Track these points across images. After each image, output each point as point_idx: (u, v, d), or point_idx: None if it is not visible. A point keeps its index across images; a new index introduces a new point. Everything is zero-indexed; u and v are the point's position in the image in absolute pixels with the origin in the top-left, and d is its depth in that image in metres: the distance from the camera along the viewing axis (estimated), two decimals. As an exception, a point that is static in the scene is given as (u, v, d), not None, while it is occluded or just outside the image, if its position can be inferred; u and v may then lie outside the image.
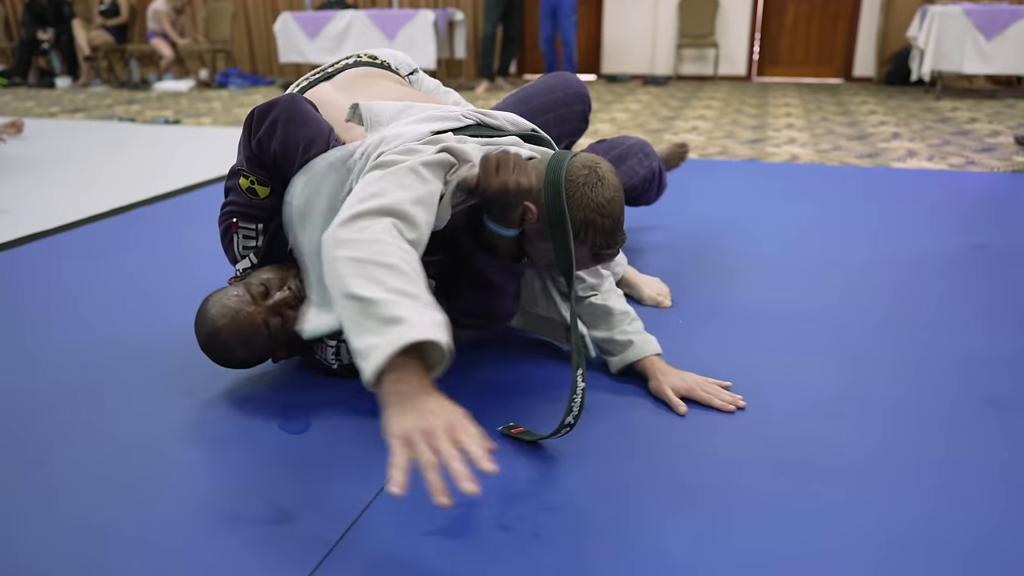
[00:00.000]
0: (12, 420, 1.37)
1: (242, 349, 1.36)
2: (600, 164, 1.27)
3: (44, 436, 1.31)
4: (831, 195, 2.82)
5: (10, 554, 1.03)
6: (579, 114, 1.85)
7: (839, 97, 6.00)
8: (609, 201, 1.23)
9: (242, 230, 1.51)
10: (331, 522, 1.07)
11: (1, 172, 3.53)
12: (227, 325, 1.34)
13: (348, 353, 1.42)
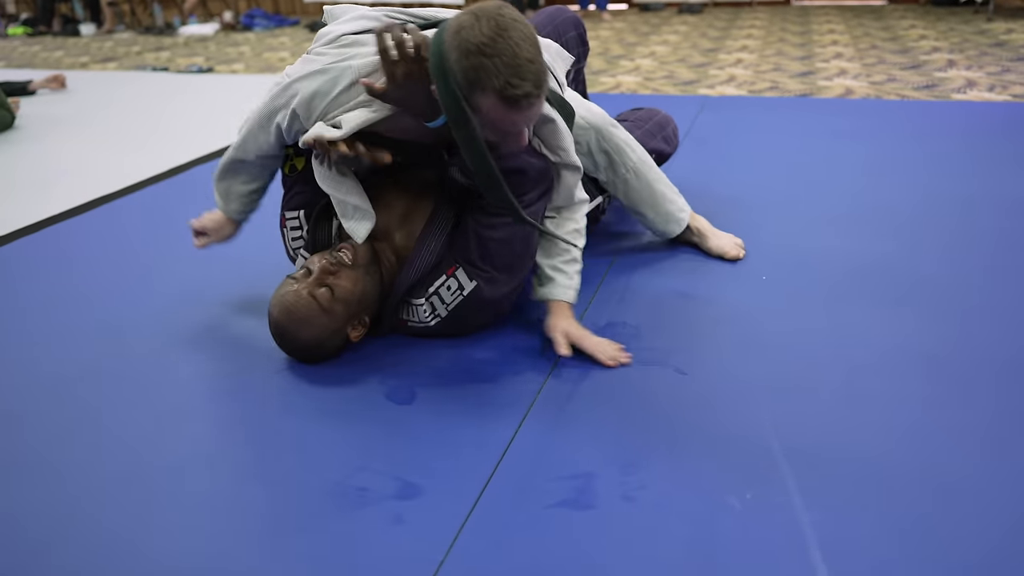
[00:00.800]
0: (121, 398, 1.42)
1: (305, 331, 1.39)
2: (484, 8, 1.19)
3: (160, 413, 1.36)
4: (893, 133, 2.75)
5: (142, 530, 1.08)
6: (576, 39, 1.88)
7: (885, 21, 5.78)
8: (492, 39, 1.14)
9: (289, 222, 1.58)
10: (457, 496, 1.11)
11: (54, 132, 3.54)
12: (282, 314, 1.39)
13: (445, 308, 1.45)
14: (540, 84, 1.18)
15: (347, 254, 1.41)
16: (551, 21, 1.85)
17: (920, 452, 1.16)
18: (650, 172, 1.76)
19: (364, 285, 1.41)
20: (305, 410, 1.35)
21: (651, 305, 1.64)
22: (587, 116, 1.67)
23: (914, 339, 1.45)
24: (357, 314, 1.43)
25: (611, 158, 1.71)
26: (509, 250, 1.43)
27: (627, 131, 1.79)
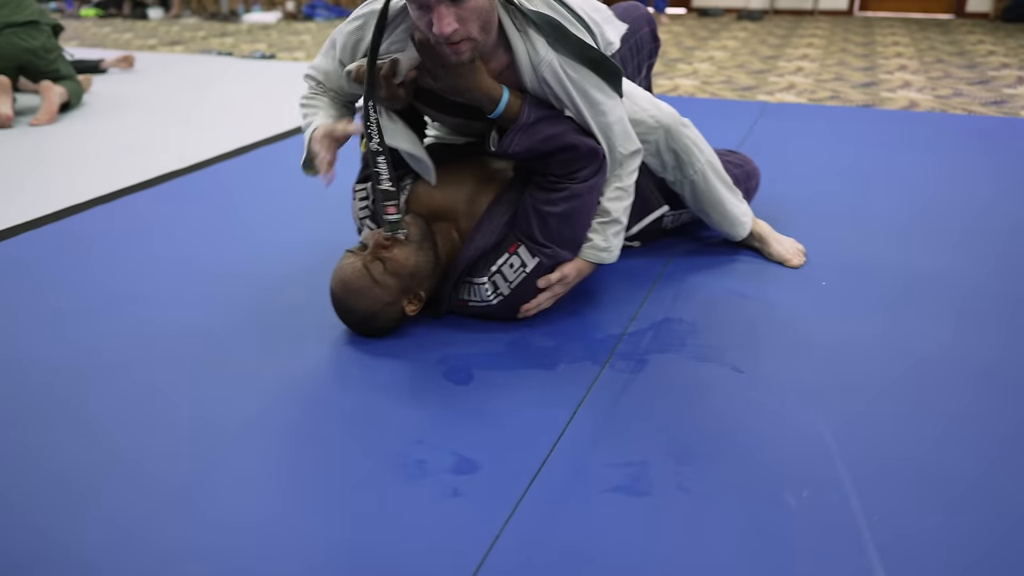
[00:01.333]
0: (191, 363, 1.47)
1: (360, 302, 1.43)
2: None
3: (225, 379, 1.41)
4: (959, 148, 2.70)
5: (208, 485, 1.12)
6: (649, 35, 1.90)
7: (952, 36, 5.65)
8: None
9: (357, 193, 1.64)
10: (511, 476, 1.13)
11: (125, 109, 3.66)
12: (339, 285, 1.45)
13: (508, 286, 1.48)
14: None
15: (403, 228, 1.45)
16: (625, 17, 1.86)
17: (977, 459, 1.14)
18: (717, 175, 1.75)
19: (417, 260, 1.45)
20: (364, 383, 1.38)
21: (708, 304, 1.64)
22: (657, 115, 1.67)
23: (971, 349, 1.43)
24: (411, 288, 1.46)
25: (679, 158, 1.71)
26: (569, 225, 1.46)
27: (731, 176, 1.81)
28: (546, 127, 1.41)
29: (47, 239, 2.08)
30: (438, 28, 1.23)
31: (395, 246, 1.44)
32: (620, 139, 1.48)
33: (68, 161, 2.80)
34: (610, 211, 1.52)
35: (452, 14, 1.23)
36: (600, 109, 1.44)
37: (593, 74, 1.41)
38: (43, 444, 1.23)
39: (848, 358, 1.42)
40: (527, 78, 1.40)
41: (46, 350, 1.51)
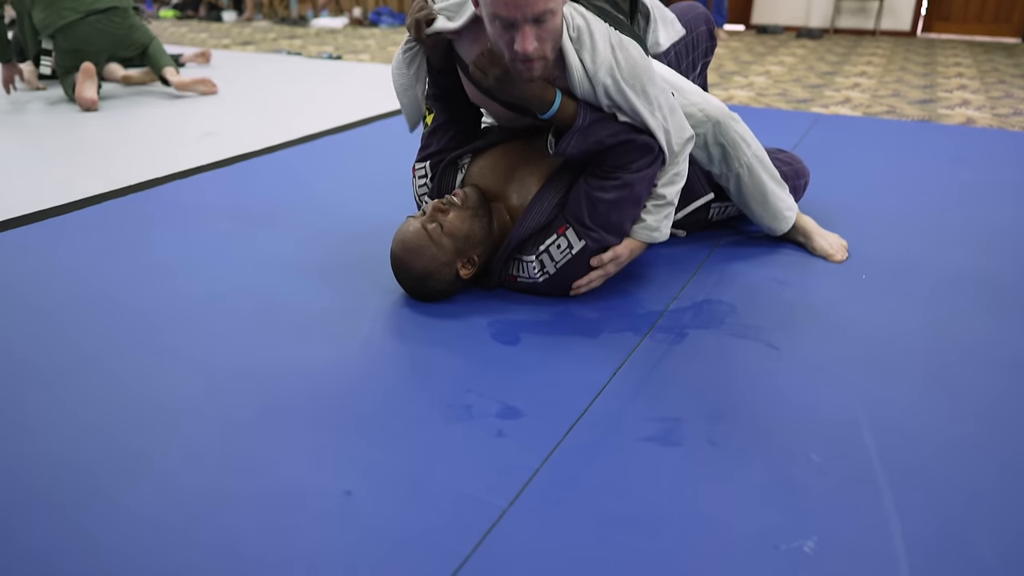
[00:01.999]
0: (259, 315, 1.59)
1: (417, 261, 1.54)
2: None
3: (288, 329, 1.53)
4: (1013, 162, 2.70)
5: (275, 417, 1.23)
6: (706, 33, 1.97)
7: (1017, 59, 5.57)
8: None
9: (417, 171, 1.76)
10: (552, 423, 1.22)
11: (201, 99, 3.87)
12: (398, 245, 1.56)
13: (554, 265, 1.57)
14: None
15: (458, 197, 1.56)
16: (683, 16, 1.94)
17: (991, 433, 1.19)
18: (763, 169, 1.81)
19: (471, 225, 1.55)
20: (418, 337, 1.49)
21: (748, 289, 1.70)
22: (706, 108, 1.75)
23: (1004, 341, 1.47)
24: (465, 251, 1.56)
25: (726, 151, 1.77)
26: (618, 212, 1.54)
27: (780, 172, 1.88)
28: (600, 128, 1.49)
29: (138, 205, 2.25)
30: (521, 46, 1.34)
31: (451, 210, 1.54)
32: (675, 131, 1.56)
33: (151, 141, 2.99)
34: (664, 195, 1.60)
35: (534, 33, 1.33)
36: (657, 103, 1.51)
37: (647, 70, 1.49)
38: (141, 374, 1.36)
39: (881, 343, 1.47)
40: (580, 88, 1.48)
41: (146, 297, 1.65)
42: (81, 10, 3.55)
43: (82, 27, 3.58)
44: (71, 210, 2.21)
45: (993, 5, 6.84)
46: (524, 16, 1.31)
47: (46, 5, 3.55)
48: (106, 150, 2.88)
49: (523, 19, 1.31)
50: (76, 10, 3.54)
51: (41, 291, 1.69)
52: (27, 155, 2.81)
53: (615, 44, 1.46)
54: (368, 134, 3.15)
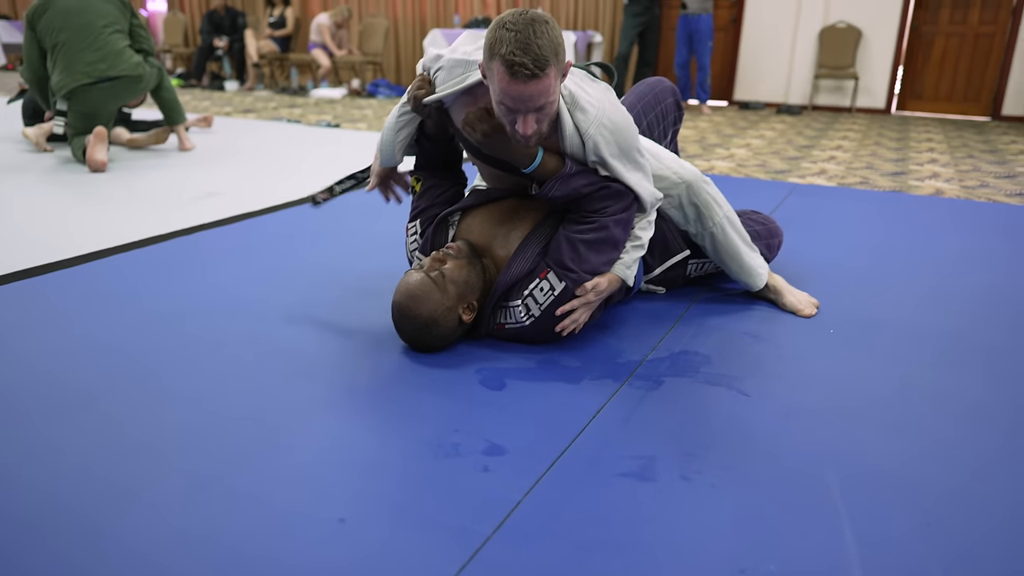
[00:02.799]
0: (261, 357, 1.67)
1: (423, 307, 1.62)
2: (529, 8, 1.49)
3: (289, 372, 1.61)
4: (979, 230, 2.85)
5: (271, 452, 1.30)
6: (673, 104, 2.14)
7: (986, 135, 5.84)
8: (515, 21, 1.42)
9: (409, 230, 1.90)
10: (535, 459, 1.29)
11: (203, 161, 4.03)
12: (403, 295, 1.65)
13: (539, 308, 1.66)
14: (540, 64, 1.41)
15: (452, 248, 1.68)
16: (651, 90, 2.10)
17: (951, 476, 1.27)
18: (735, 229, 1.94)
19: (469, 272, 1.66)
20: (409, 383, 1.57)
21: (722, 341, 1.80)
22: (680, 172, 1.89)
23: (959, 390, 1.56)
24: (465, 296, 1.66)
25: (699, 211, 1.91)
26: (595, 253, 1.65)
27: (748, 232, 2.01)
28: (581, 177, 1.63)
29: (142, 259, 2.34)
30: (522, 130, 1.51)
31: (449, 260, 1.65)
32: (650, 195, 1.70)
33: (156, 200, 3.11)
34: (640, 236, 1.73)
35: (534, 118, 1.50)
36: (637, 163, 1.66)
37: (633, 133, 1.64)
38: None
39: (846, 391, 1.56)
40: (569, 144, 1.62)
41: (147, 344, 1.73)
42: (94, 75, 3.72)
43: (94, 92, 3.75)
44: (78, 263, 2.30)
45: (963, 85, 7.18)
46: (527, 108, 1.47)
47: (63, 68, 3.73)
48: (112, 209, 3.00)
49: (526, 110, 1.47)
50: (90, 75, 3.72)
51: (45, 338, 1.77)
52: (37, 212, 2.91)
53: (607, 106, 1.61)
54: (364, 195, 3.28)
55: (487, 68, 1.48)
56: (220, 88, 8.54)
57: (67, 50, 3.72)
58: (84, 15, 3.74)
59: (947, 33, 7.15)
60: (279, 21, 8.64)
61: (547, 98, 1.48)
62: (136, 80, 3.86)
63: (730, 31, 7.82)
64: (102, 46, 3.74)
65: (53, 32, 3.73)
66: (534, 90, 1.44)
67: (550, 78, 1.45)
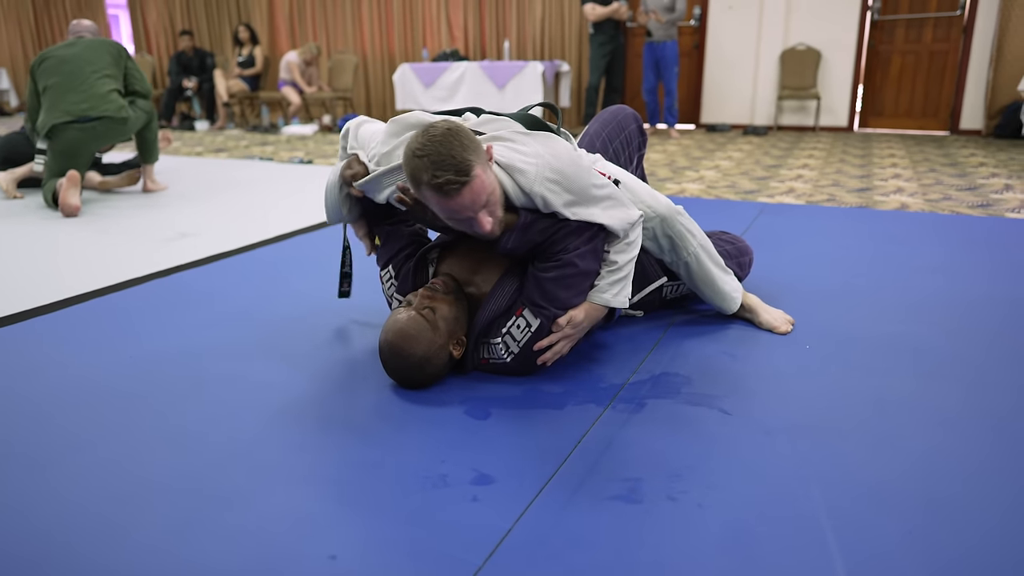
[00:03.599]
0: (251, 395, 1.67)
1: (416, 346, 1.62)
2: (431, 125, 1.50)
3: (278, 409, 1.61)
4: (944, 242, 2.93)
5: (264, 488, 1.30)
6: (636, 130, 2.17)
7: (946, 149, 6.00)
8: (423, 144, 1.46)
9: (383, 277, 1.93)
10: (523, 487, 1.30)
11: (177, 201, 4.01)
12: (395, 334, 1.64)
13: (517, 345, 1.68)
14: (464, 171, 1.45)
15: (438, 285, 1.69)
16: (614, 117, 2.14)
17: (923, 481, 1.30)
18: (709, 258, 1.97)
19: (456, 308, 1.67)
20: (395, 417, 1.57)
21: (702, 362, 1.83)
22: (654, 205, 1.90)
23: (933, 399, 1.60)
24: (455, 332, 1.67)
25: (674, 243, 1.93)
26: (562, 288, 1.65)
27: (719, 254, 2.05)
28: (536, 227, 1.63)
29: (121, 302, 2.33)
30: (482, 229, 1.55)
31: (437, 296, 1.66)
32: (620, 220, 1.69)
33: (130, 243, 3.10)
34: (616, 261, 1.71)
35: (486, 213, 1.53)
36: (596, 200, 1.64)
37: (578, 174, 1.62)
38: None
39: (825, 405, 1.59)
40: (517, 202, 1.63)
41: (133, 385, 1.72)
42: (75, 114, 3.77)
43: (74, 131, 3.78)
44: (57, 309, 2.28)
45: (921, 101, 7.39)
46: (475, 211, 1.51)
47: (48, 108, 3.80)
48: (86, 252, 2.98)
49: (475, 212, 1.51)
50: (70, 113, 3.77)
51: (32, 383, 1.75)
52: (10, 258, 2.89)
53: (547, 157, 1.60)
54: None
55: (419, 196, 1.54)
56: (191, 128, 8.53)
57: (53, 92, 3.81)
58: (75, 62, 3.86)
59: (903, 51, 7.37)
60: (248, 60, 8.68)
61: (487, 193, 1.51)
62: (120, 122, 3.90)
63: (693, 56, 8.00)
64: (87, 88, 3.81)
65: (45, 78, 3.85)
66: (471, 196, 1.48)
67: (480, 177, 1.48)
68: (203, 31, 10.02)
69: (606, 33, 7.01)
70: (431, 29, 8.87)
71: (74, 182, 3.64)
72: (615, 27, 7.03)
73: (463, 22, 8.68)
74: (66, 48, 3.93)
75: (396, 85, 7.69)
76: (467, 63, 7.48)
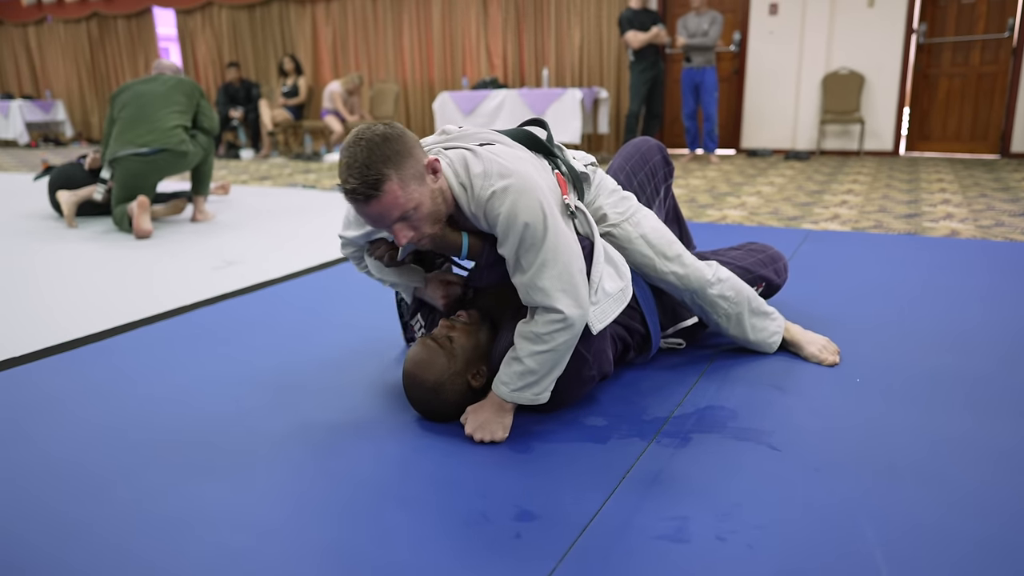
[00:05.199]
0: (294, 429, 1.68)
1: (429, 372, 1.61)
2: (369, 124, 1.44)
3: (320, 444, 1.61)
4: (997, 270, 2.84)
5: (304, 529, 1.30)
6: (661, 161, 2.08)
7: (997, 173, 5.85)
8: (346, 145, 1.42)
9: (414, 327, 1.94)
10: (567, 524, 1.28)
11: (224, 230, 4.10)
12: (411, 362, 1.65)
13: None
14: (372, 184, 1.38)
15: (461, 316, 1.70)
16: (637, 150, 2.09)
17: (980, 518, 1.24)
18: (742, 313, 1.92)
19: (477, 338, 1.67)
20: (434, 449, 1.56)
21: (748, 395, 1.79)
22: (685, 278, 1.82)
23: (987, 435, 1.54)
24: (474, 361, 1.66)
25: (704, 310, 1.91)
26: None
27: (738, 258, 2.01)
28: (503, 265, 1.57)
29: (171, 330, 2.37)
30: (397, 241, 1.48)
31: (457, 326, 1.66)
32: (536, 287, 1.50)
33: (180, 271, 3.17)
34: (516, 347, 1.54)
35: (405, 227, 1.46)
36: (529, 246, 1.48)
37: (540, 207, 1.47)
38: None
39: (876, 441, 1.54)
40: (471, 221, 1.57)
41: (173, 417, 1.75)
42: (138, 144, 3.97)
43: (136, 162, 3.99)
44: (102, 339, 2.34)
45: (970, 124, 7.23)
46: (387, 223, 1.46)
47: (116, 138, 4.03)
48: (134, 281, 3.05)
49: (388, 225, 1.46)
50: (134, 143, 3.97)
51: (72, 413, 1.79)
52: (58, 285, 2.97)
53: (513, 193, 1.46)
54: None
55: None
56: (236, 157, 8.74)
57: (123, 124, 4.04)
58: (149, 96, 4.08)
59: (950, 74, 7.24)
60: (292, 90, 8.88)
61: (401, 210, 1.43)
62: (181, 155, 4.10)
63: (733, 81, 7.96)
64: (153, 122, 4.01)
65: (120, 109, 4.09)
66: (377, 209, 1.42)
67: (391, 192, 1.40)
68: (249, 63, 10.30)
69: (647, 60, 7.02)
70: (471, 57, 8.99)
71: (144, 207, 3.87)
72: (656, 53, 7.04)
73: (502, 50, 8.78)
74: (144, 84, 4.15)
75: (436, 113, 7.79)
76: (506, 91, 7.55)
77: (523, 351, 1.53)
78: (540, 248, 1.47)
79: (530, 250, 1.48)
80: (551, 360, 1.54)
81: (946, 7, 7.17)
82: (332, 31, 9.70)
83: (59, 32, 11.92)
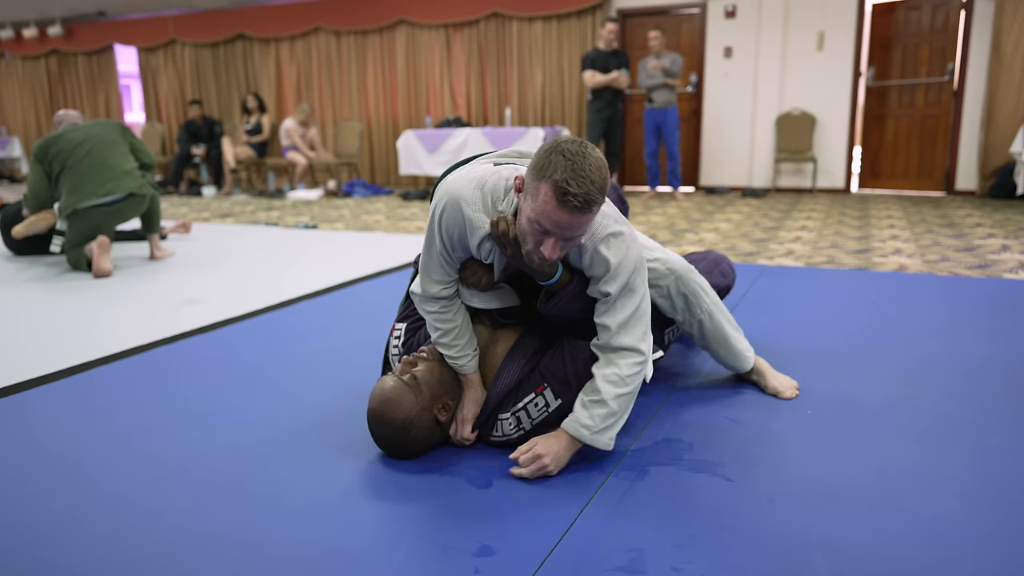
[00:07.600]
0: (253, 470, 1.67)
1: (396, 410, 1.62)
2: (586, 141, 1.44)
3: (280, 481, 1.60)
4: (943, 304, 2.95)
5: (268, 566, 1.29)
6: (616, 199, 2.12)
7: (943, 210, 6.08)
8: (574, 151, 1.39)
9: (394, 331, 1.92)
10: (526, 558, 1.29)
11: (184, 268, 4.06)
12: (377, 400, 1.65)
13: (529, 421, 1.67)
14: (589, 201, 1.39)
15: (424, 351, 1.72)
16: None
17: (927, 545, 1.29)
18: (722, 315, 1.98)
19: (441, 373, 1.69)
20: (396, 484, 1.57)
21: (704, 428, 1.83)
22: (668, 263, 1.90)
23: (933, 464, 1.59)
24: (439, 396, 1.67)
25: (688, 300, 1.92)
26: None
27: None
28: (586, 297, 1.63)
29: (121, 371, 2.34)
30: (548, 253, 1.46)
31: (419, 362, 1.68)
32: (627, 328, 1.58)
33: (138, 310, 3.13)
34: (600, 390, 1.58)
35: (560, 245, 1.46)
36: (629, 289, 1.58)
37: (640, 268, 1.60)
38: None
39: (826, 471, 1.59)
40: (572, 259, 1.62)
41: (129, 458, 1.72)
42: (100, 194, 3.87)
43: (98, 212, 3.91)
44: (60, 378, 2.30)
45: (917, 163, 7.51)
46: (562, 235, 1.45)
47: (70, 190, 3.88)
48: (87, 319, 3.00)
49: (560, 236, 1.45)
50: (95, 194, 3.87)
51: (28, 455, 1.75)
52: (10, 326, 2.91)
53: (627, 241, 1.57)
54: (343, 298, 3.32)
55: (530, 186, 1.44)
56: (198, 194, 8.68)
57: (73, 174, 3.89)
58: (92, 142, 3.95)
59: (897, 115, 7.54)
60: (255, 128, 8.89)
61: (584, 230, 1.47)
62: (142, 199, 4.04)
63: (691, 120, 8.17)
64: (107, 169, 3.91)
65: (60, 160, 3.92)
66: (577, 222, 1.42)
67: (594, 214, 1.44)
68: (212, 100, 10.28)
69: (603, 99, 7.18)
70: (434, 96, 9.10)
71: (104, 248, 3.82)
72: (614, 94, 7.21)
73: (466, 89, 8.92)
74: (75, 132, 3.99)
75: (400, 151, 7.85)
76: (469, 129, 7.64)
77: (608, 394, 1.58)
78: (636, 296, 1.60)
79: (630, 297, 1.59)
80: (627, 402, 1.62)
81: (892, 51, 7.49)
82: (296, 69, 9.76)
83: (16, 68, 11.79)
